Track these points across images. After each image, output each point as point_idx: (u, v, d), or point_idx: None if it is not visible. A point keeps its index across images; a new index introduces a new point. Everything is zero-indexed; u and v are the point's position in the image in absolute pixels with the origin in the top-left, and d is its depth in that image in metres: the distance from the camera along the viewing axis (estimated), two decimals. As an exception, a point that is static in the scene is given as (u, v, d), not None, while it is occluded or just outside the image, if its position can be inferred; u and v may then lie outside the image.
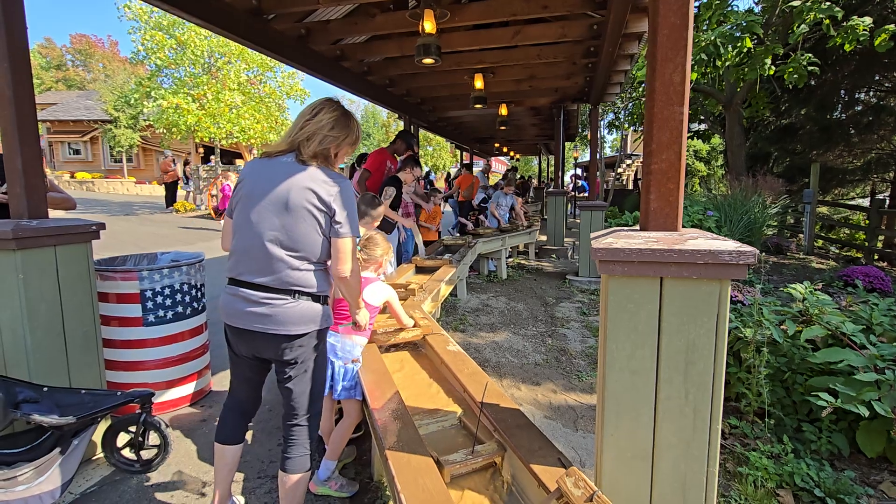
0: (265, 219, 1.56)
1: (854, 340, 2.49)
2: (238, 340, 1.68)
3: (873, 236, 8.13)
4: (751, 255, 1.21)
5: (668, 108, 1.34)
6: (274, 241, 1.56)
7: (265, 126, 13.96)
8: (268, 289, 1.58)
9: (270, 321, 1.58)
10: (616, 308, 1.35)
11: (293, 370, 1.65)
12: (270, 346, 1.62)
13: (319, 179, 1.57)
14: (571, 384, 3.38)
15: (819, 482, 2.16)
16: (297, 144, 1.60)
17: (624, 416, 1.38)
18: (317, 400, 1.75)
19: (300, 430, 1.71)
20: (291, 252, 1.58)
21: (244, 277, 1.59)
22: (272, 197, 1.56)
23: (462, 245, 5.63)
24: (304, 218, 1.56)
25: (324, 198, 1.56)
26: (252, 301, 1.58)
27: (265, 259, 1.57)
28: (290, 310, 1.59)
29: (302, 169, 1.57)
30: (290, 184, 1.55)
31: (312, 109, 1.64)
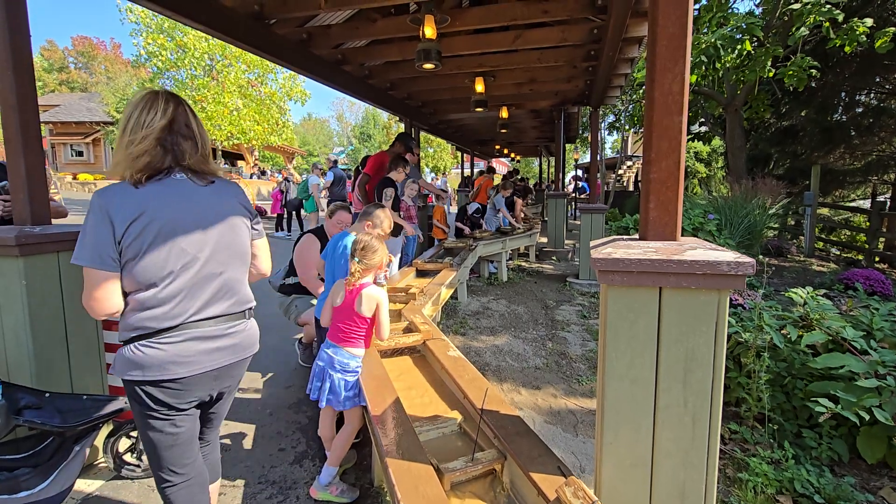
0: (206, 245, 1.39)
1: (855, 346, 2.50)
2: (190, 392, 1.41)
3: (874, 238, 8.12)
4: (749, 265, 1.21)
5: (667, 118, 1.35)
6: (228, 261, 1.44)
7: (265, 128, 13.99)
8: (229, 316, 1.46)
9: (238, 349, 1.48)
10: (615, 317, 1.36)
11: (231, 393, 1.59)
12: (231, 377, 1.51)
13: (231, 187, 1.52)
14: (571, 388, 3.38)
15: (819, 488, 2.16)
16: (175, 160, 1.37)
17: (623, 425, 1.39)
18: None
19: (217, 440, 1.73)
20: (242, 268, 1.51)
21: (201, 315, 1.38)
22: (202, 220, 1.39)
23: (463, 248, 5.63)
24: (240, 231, 1.49)
25: (245, 204, 1.52)
26: (216, 337, 1.42)
27: (219, 287, 1.42)
28: (251, 330, 1.54)
29: (208, 182, 1.43)
30: (211, 201, 1.42)
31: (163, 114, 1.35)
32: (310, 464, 2.44)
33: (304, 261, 3.27)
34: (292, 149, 22.39)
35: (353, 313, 2.10)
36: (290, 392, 3.24)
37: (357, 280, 2.11)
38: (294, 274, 3.52)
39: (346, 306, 2.11)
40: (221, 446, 2.59)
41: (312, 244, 3.29)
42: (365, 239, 2.16)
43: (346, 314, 2.11)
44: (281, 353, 3.93)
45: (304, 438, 2.67)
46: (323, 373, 2.11)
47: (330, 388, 2.07)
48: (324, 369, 2.11)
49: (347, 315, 2.11)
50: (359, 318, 2.11)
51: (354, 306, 2.09)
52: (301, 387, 3.30)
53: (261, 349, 3.90)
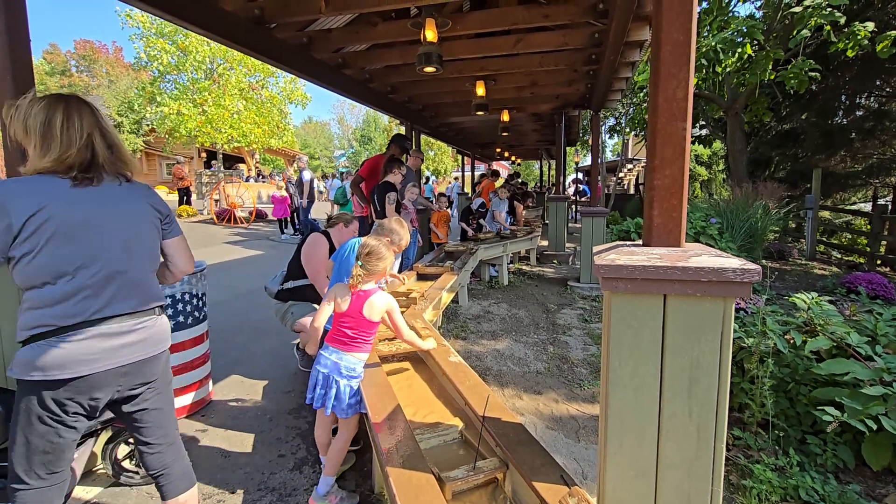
0: (117, 240, 1.41)
1: (860, 352, 2.48)
2: (95, 390, 1.39)
3: (876, 241, 8.10)
4: (755, 272, 1.19)
5: (671, 124, 1.33)
6: (134, 260, 1.45)
7: (266, 130, 14.00)
8: (135, 314, 1.46)
9: (147, 344, 1.48)
10: (619, 325, 1.34)
11: (156, 388, 1.55)
12: (143, 374, 1.49)
13: (139, 188, 1.53)
14: (573, 393, 3.36)
15: (824, 495, 2.14)
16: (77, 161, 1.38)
17: (627, 434, 1.37)
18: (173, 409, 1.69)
19: (177, 445, 1.65)
20: (149, 266, 1.52)
21: (103, 313, 1.38)
22: (114, 215, 1.42)
23: (464, 251, 5.62)
24: (146, 230, 1.50)
25: (154, 204, 1.53)
26: (122, 333, 1.42)
27: (126, 283, 1.44)
28: (160, 326, 1.55)
29: (115, 182, 1.45)
30: (116, 201, 1.44)
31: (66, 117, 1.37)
32: (309, 470, 2.42)
33: (315, 260, 3.25)
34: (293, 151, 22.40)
35: (362, 319, 2.06)
36: (290, 397, 3.22)
37: (358, 284, 2.06)
38: (293, 278, 3.50)
39: (353, 312, 2.06)
40: (220, 452, 2.58)
41: (321, 243, 3.28)
42: (372, 244, 2.10)
43: (353, 320, 2.07)
44: (280, 358, 3.91)
45: (303, 444, 2.65)
46: (328, 380, 2.06)
47: (336, 394, 2.03)
48: (328, 376, 2.06)
49: (355, 321, 2.07)
50: (368, 324, 2.08)
51: (363, 312, 2.05)
52: (301, 392, 3.28)
53: (259, 354, 3.93)
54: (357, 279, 2.04)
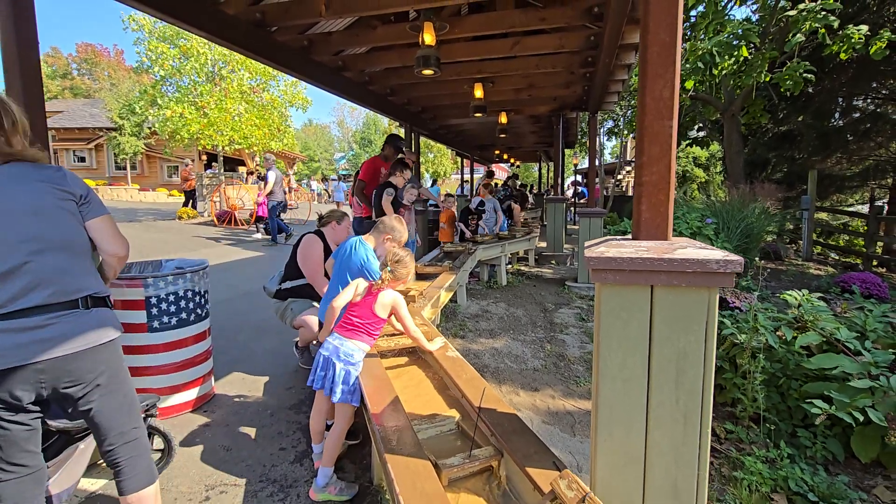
0: (15, 233, 1.35)
1: (848, 347, 2.53)
2: (11, 387, 1.33)
3: (872, 242, 8.16)
4: (737, 263, 1.25)
5: (658, 122, 1.39)
6: (39, 251, 1.37)
7: (266, 133, 14.07)
8: (49, 307, 1.37)
9: (66, 340, 1.38)
10: (608, 316, 1.40)
11: (103, 389, 1.47)
12: (68, 371, 1.40)
13: (44, 171, 1.45)
14: (570, 390, 3.41)
15: (813, 486, 2.18)
16: None
17: (617, 423, 1.42)
18: (137, 408, 1.62)
19: (136, 443, 1.57)
20: (62, 256, 1.41)
21: (9, 308, 1.32)
22: (8, 207, 1.36)
23: (462, 251, 5.67)
24: (55, 216, 1.42)
25: (64, 187, 1.46)
26: (33, 328, 1.34)
27: (32, 276, 1.35)
28: (84, 320, 1.43)
29: (14, 168, 1.41)
30: (17, 186, 1.39)
31: None
32: (310, 463, 2.47)
33: (311, 260, 3.33)
34: (293, 154, 22.49)
35: (370, 311, 2.21)
36: (291, 393, 3.27)
37: (382, 286, 2.26)
38: (291, 278, 3.56)
39: (365, 304, 2.22)
40: (223, 446, 2.63)
41: (316, 243, 3.35)
42: (401, 253, 2.33)
43: (363, 311, 2.21)
44: (280, 356, 3.96)
45: (304, 438, 2.70)
46: (328, 362, 2.16)
47: (332, 377, 2.13)
48: (328, 358, 2.16)
49: (365, 312, 2.21)
50: (374, 317, 2.22)
51: (372, 306, 2.19)
52: (301, 388, 3.33)
53: (260, 352, 3.98)
54: (385, 283, 2.25)
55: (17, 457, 1.40)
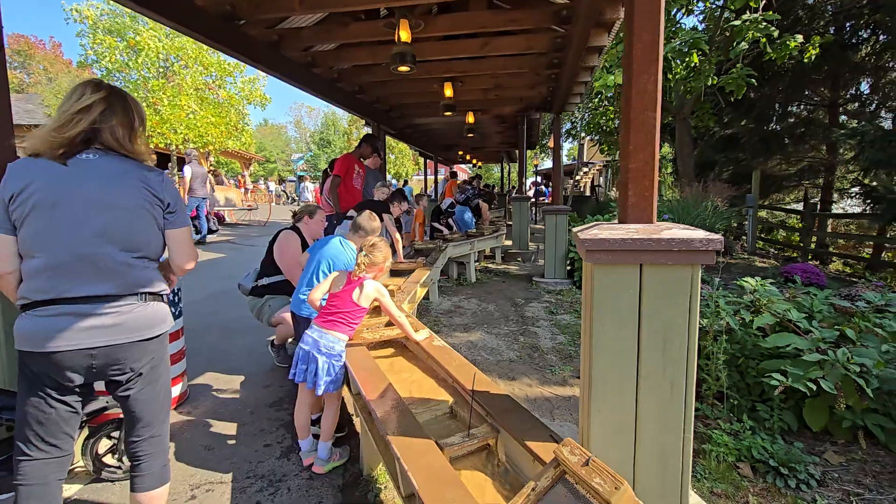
0: (89, 223, 1.39)
1: (799, 326, 2.77)
2: (64, 368, 1.40)
3: (808, 237, 8.85)
4: (718, 241, 1.38)
5: (643, 114, 1.50)
6: (109, 244, 1.42)
7: (223, 131, 13.58)
8: (110, 297, 1.43)
9: (121, 329, 1.44)
10: (601, 293, 1.49)
11: (145, 379, 1.53)
12: (118, 359, 1.45)
13: (142, 171, 1.50)
14: (545, 378, 3.53)
15: (772, 453, 2.38)
16: (85, 138, 1.43)
17: (609, 393, 1.52)
18: (169, 404, 1.68)
19: (159, 440, 1.61)
20: (131, 252, 1.46)
21: (72, 293, 1.38)
22: (92, 198, 1.40)
23: (433, 249, 5.73)
24: (138, 216, 1.47)
25: (154, 190, 1.50)
26: (94, 315, 1.40)
27: (99, 267, 1.41)
28: (140, 313, 1.48)
29: (118, 162, 1.46)
30: (110, 180, 1.43)
31: (80, 97, 1.44)
32: (297, 458, 2.45)
33: (288, 256, 3.29)
34: (249, 154, 21.76)
35: (350, 301, 2.20)
36: (270, 391, 3.22)
37: (360, 273, 2.25)
38: (268, 275, 3.50)
39: (344, 294, 2.22)
40: (203, 445, 2.56)
41: (293, 239, 3.32)
42: (374, 239, 2.35)
43: (343, 302, 2.21)
44: (255, 355, 3.88)
45: (288, 434, 2.67)
46: (308, 356, 2.18)
47: (315, 370, 2.15)
48: (308, 352, 2.18)
49: (346, 303, 2.21)
50: (354, 308, 2.23)
51: (352, 296, 2.19)
52: (280, 386, 3.28)
53: (233, 352, 3.89)
54: (361, 268, 2.22)
55: (55, 437, 1.45)
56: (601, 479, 1.22)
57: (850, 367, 2.37)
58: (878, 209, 6.15)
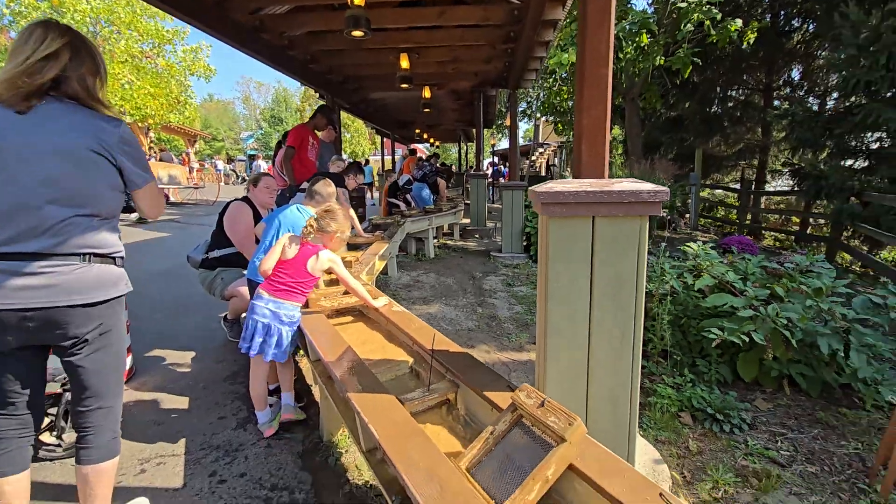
0: (35, 172, 1.29)
1: (735, 287, 2.98)
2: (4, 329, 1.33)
3: (743, 213, 9.46)
4: (664, 193, 1.45)
5: (596, 70, 1.54)
6: (52, 199, 1.31)
7: (164, 104, 12.72)
8: (49, 255, 1.33)
9: (58, 292, 1.34)
10: (555, 246, 1.54)
11: (91, 346, 1.45)
12: (57, 323, 1.36)
13: (100, 123, 1.38)
14: (503, 345, 3.63)
15: (710, 403, 2.57)
16: (43, 86, 1.32)
17: (564, 342, 1.59)
18: (122, 375, 1.59)
19: (108, 412, 1.52)
20: (77, 208, 1.35)
21: (8, 248, 1.29)
22: (42, 147, 1.30)
23: (391, 224, 5.69)
24: (90, 168, 1.36)
25: (108, 145, 1.38)
26: (27, 273, 1.30)
27: (40, 221, 1.31)
28: (81, 275, 1.37)
29: (74, 112, 1.35)
30: (65, 130, 1.33)
31: (44, 42, 1.33)
32: (254, 428, 2.40)
33: (239, 227, 3.17)
34: (194, 131, 20.55)
35: (303, 270, 2.15)
36: (224, 366, 3.12)
37: (308, 235, 2.19)
38: (219, 246, 3.36)
39: (298, 263, 2.16)
40: (153, 420, 2.47)
41: (244, 210, 3.19)
42: (335, 206, 2.29)
43: (295, 269, 2.16)
44: (205, 331, 3.74)
45: (244, 406, 2.61)
46: (268, 328, 2.13)
47: (277, 341, 2.11)
48: (269, 325, 2.13)
49: (298, 272, 2.16)
50: (307, 276, 2.19)
51: (307, 265, 2.14)
52: (234, 360, 3.19)
53: (182, 330, 3.74)
54: (309, 230, 2.15)
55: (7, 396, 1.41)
56: (556, 418, 1.27)
57: (779, 321, 2.58)
58: (804, 186, 6.66)
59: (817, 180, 6.25)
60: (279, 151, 5.17)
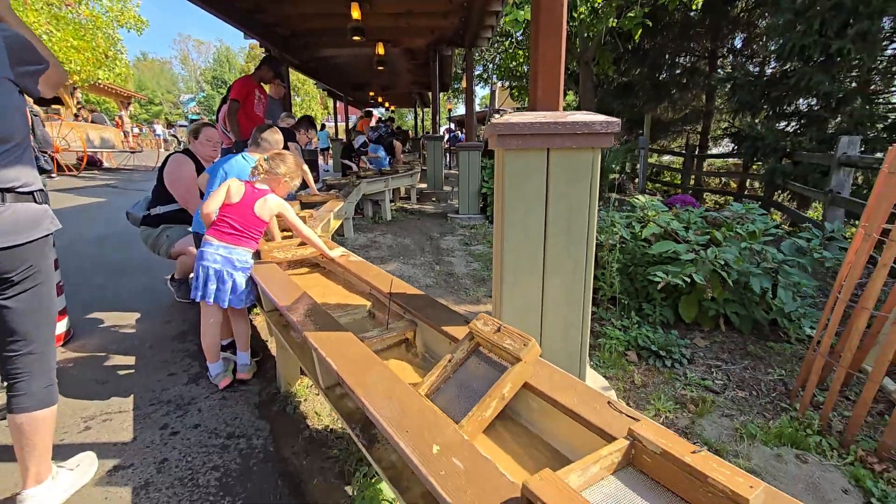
0: None
1: (678, 234, 3.14)
2: None
3: (688, 176, 9.90)
4: (616, 124, 1.47)
5: (551, 1, 1.52)
6: None
7: (90, 59, 11.58)
8: None
9: None
10: (511, 179, 1.55)
11: (19, 287, 1.38)
12: None
13: None
14: (460, 298, 3.68)
15: (654, 341, 2.74)
16: None
17: (520, 275, 1.62)
18: (52, 319, 1.52)
19: (40, 358, 1.46)
20: None
21: None
22: None
23: (346, 184, 5.55)
24: None
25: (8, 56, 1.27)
26: None
27: None
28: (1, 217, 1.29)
29: None
30: None
31: None
32: (207, 382, 2.34)
33: (182, 181, 2.99)
34: (127, 92, 18.94)
35: (251, 214, 2.08)
36: (171, 326, 3.00)
37: (257, 174, 2.12)
38: (161, 203, 3.17)
39: (245, 206, 2.09)
40: (95, 380, 2.35)
41: (186, 162, 3.01)
42: (286, 152, 2.23)
43: (243, 213, 2.08)
44: (151, 293, 3.56)
45: (196, 363, 2.53)
46: (220, 274, 2.06)
47: (233, 287, 2.05)
48: (221, 271, 2.06)
49: (244, 214, 2.08)
50: (256, 220, 2.13)
51: (254, 207, 2.07)
52: (183, 320, 3.07)
53: (125, 292, 3.55)
54: (259, 171, 2.07)
55: None
56: (511, 340, 1.31)
57: (717, 263, 2.75)
58: (743, 148, 7.02)
59: (755, 141, 6.60)
60: (223, 107, 4.86)
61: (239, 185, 2.11)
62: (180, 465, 1.77)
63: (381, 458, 1.26)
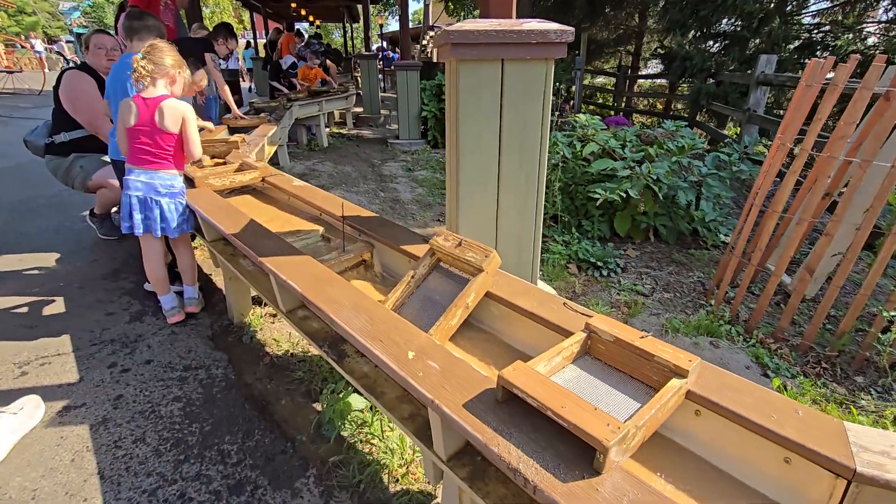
0: None
1: (615, 152, 3.27)
2: None
3: (620, 97, 10.13)
4: (570, 33, 1.46)
5: None
6: None
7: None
8: None
9: None
10: (465, 93, 1.51)
11: None
12: None
13: None
14: (408, 224, 3.69)
15: (592, 254, 2.94)
16: None
17: (475, 190, 1.64)
18: None
19: None
20: None
21: None
22: None
23: (277, 107, 5.15)
24: None
25: None
26: None
27: None
28: None
29: None
30: None
31: None
32: (152, 319, 2.25)
33: (83, 102, 2.63)
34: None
35: (156, 130, 1.91)
36: (99, 265, 2.78)
37: (142, 77, 1.88)
38: (65, 129, 2.80)
39: (144, 123, 1.90)
40: (22, 326, 2.19)
41: (83, 79, 2.64)
42: (154, 41, 1.94)
43: (147, 133, 1.91)
44: (67, 233, 3.25)
45: (135, 300, 2.40)
46: (146, 202, 1.92)
47: (161, 215, 1.92)
48: (145, 199, 1.92)
49: (149, 133, 1.92)
50: (164, 135, 1.95)
51: (156, 121, 1.89)
52: (112, 258, 2.86)
53: (35, 233, 3.26)
54: (143, 72, 1.86)
55: None
56: (473, 253, 1.36)
57: (649, 178, 2.93)
58: (671, 68, 7.23)
59: (683, 61, 6.81)
60: (121, 15, 4.19)
61: (128, 104, 1.88)
62: (138, 400, 1.74)
63: (352, 370, 1.31)
